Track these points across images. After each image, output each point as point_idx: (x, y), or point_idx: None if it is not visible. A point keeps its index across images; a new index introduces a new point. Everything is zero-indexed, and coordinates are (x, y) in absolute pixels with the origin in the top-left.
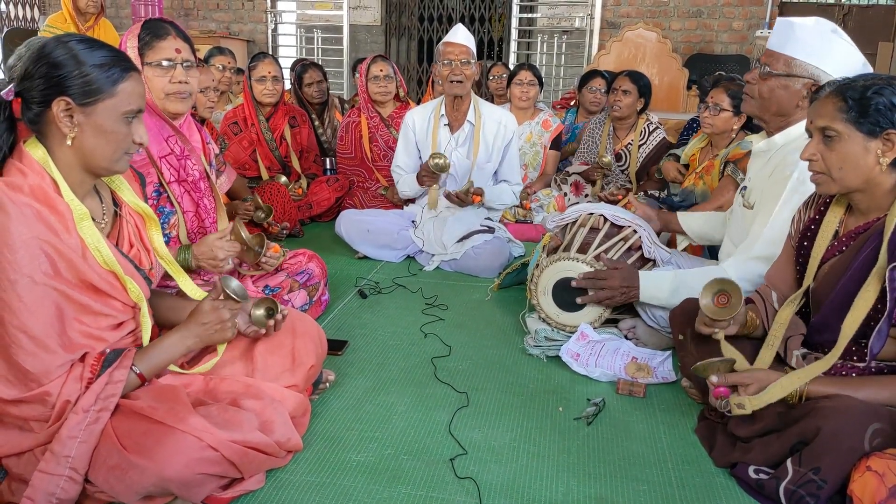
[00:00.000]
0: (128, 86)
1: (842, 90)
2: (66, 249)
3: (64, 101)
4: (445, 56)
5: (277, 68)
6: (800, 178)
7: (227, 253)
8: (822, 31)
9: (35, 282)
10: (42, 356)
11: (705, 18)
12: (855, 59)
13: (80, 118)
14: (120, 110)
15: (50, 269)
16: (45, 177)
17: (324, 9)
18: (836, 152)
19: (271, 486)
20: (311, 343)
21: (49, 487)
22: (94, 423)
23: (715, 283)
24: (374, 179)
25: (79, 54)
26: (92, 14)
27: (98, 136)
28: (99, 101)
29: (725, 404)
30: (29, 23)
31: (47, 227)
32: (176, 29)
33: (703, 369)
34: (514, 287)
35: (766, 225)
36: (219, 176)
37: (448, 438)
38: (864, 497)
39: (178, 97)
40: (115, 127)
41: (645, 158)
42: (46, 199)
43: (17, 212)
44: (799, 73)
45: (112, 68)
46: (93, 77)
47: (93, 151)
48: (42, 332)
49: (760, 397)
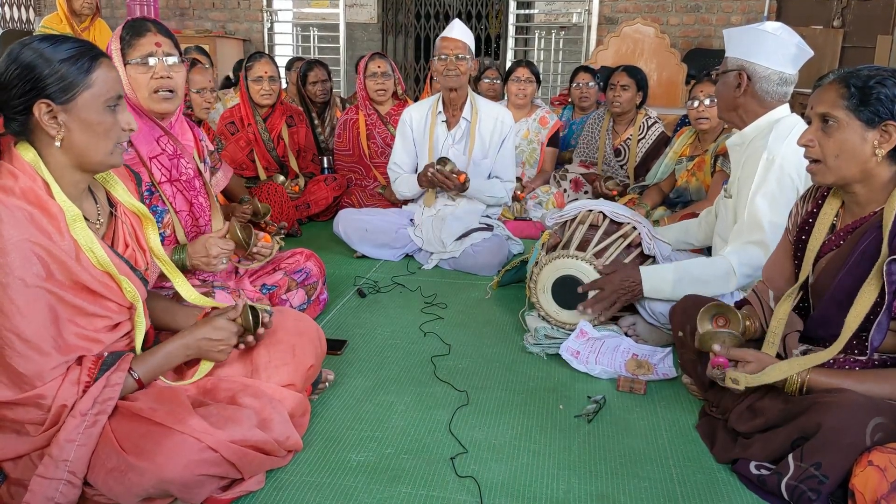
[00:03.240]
0: (101, 73)
1: (845, 78)
2: (59, 252)
3: (44, 104)
4: (441, 51)
5: (274, 68)
6: (769, 158)
7: (220, 250)
8: (745, 28)
9: (27, 284)
10: (35, 359)
11: (703, 13)
12: (771, 41)
13: (63, 117)
14: (100, 99)
15: (42, 272)
16: (37, 179)
17: (320, 7)
18: (833, 139)
19: (271, 487)
20: (309, 343)
21: (48, 492)
22: (92, 427)
23: (709, 310)
24: (372, 177)
25: (45, 52)
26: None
27: (86, 130)
28: (77, 94)
29: (721, 374)
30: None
31: (39, 230)
32: (156, 25)
33: (708, 338)
34: (513, 285)
35: (746, 209)
36: (214, 173)
37: (448, 437)
38: (866, 492)
39: (163, 96)
40: (100, 118)
41: (644, 153)
42: (38, 201)
43: (9, 214)
44: (730, 67)
45: (80, 59)
46: (65, 72)
47: (85, 148)
48: (34, 335)
49: (757, 377)
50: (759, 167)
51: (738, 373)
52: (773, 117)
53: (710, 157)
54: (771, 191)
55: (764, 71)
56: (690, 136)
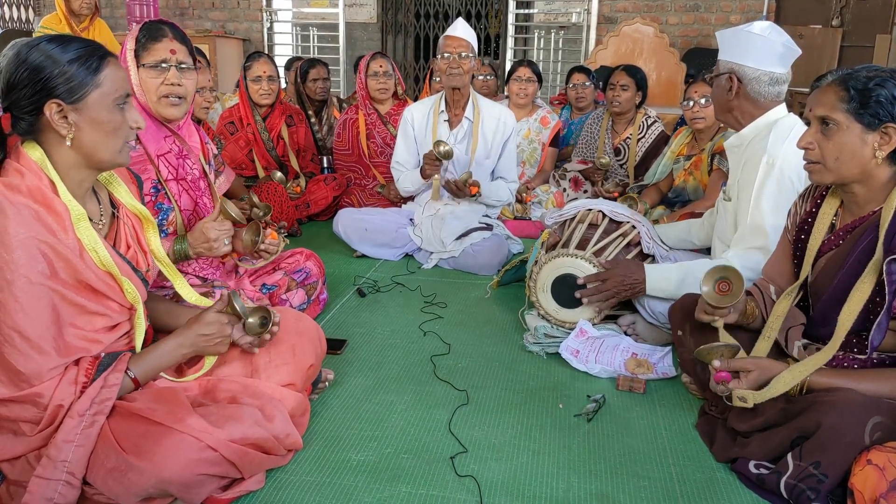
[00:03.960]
0: (109, 72)
1: (844, 80)
2: (64, 249)
3: (55, 104)
4: (445, 49)
5: (273, 68)
6: (769, 162)
7: (218, 232)
8: (731, 30)
9: (32, 282)
10: (35, 357)
11: (702, 12)
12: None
13: (74, 117)
14: (109, 98)
15: (47, 270)
16: (43, 177)
17: (319, 6)
18: (833, 142)
19: (271, 487)
20: (309, 342)
21: (47, 493)
22: (90, 428)
23: (716, 271)
24: (371, 176)
25: (53, 53)
26: (86, 15)
27: (96, 129)
28: (87, 94)
29: (725, 389)
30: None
31: (45, 228)
32: (174, 31)
33: (706, 353)
34: (513, 284)
35: (748, 213)
36: (217, 176)
37: (448, 436)
38: (865, 491)
39: (171, 102)
40: (109, 116)
41: (644, 152)
42: (44, 199)
43: (15, 212)
44: (721, 70)
45: (88, 59)
46: (74, 72)
47: (95, 146)
48: (36, 334)
49: (763, 392)
50: (759, 170)
51: (746, 391)
52: (771, 118)
53: (707, 156)
54: (772, 194)
55: (753, 72)
56: (687, 135)
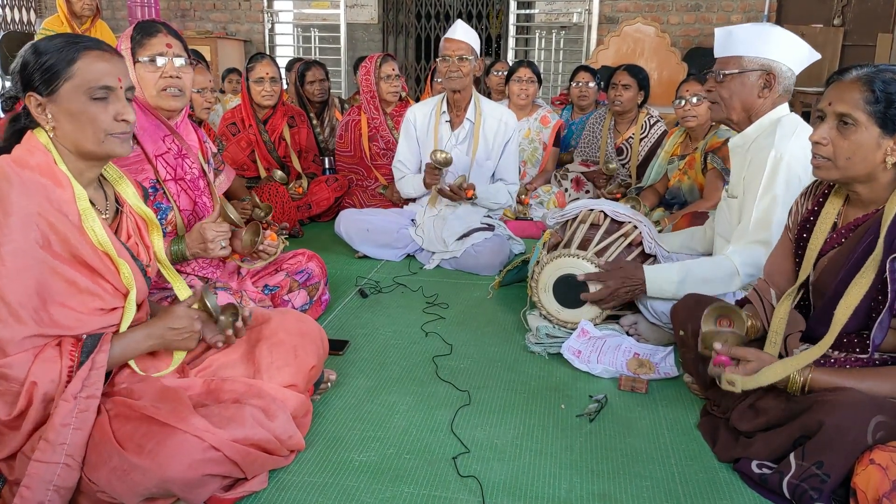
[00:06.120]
0: (84, 63)
1: (870, 80)
2: (64, 223)
3: (33, 98)
4: (444, 52)
5: (275, 69)
6: (777, 157)
7: (215, 234)
8: (757, 27)
9: (21, 248)
10: (10, 323)
11: (704, 12)
12: (793, 42)
13: (51, 108)
14: (82, 89)
15: (40, 239)
16: (50, 157)
17: (321, 7)
18: (849, 141)
19: (274, 487)
20: (311, 343)
21: (46, 475)
22: (85, 411)
23: (715, 310)
24: (373, 178)
25: (39, 47)
26: (87, 17)
27: (71, 121)
28: (59, 85)
29: (720, 372)
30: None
31: (48, 201)
32: (167, 27)
33: (710, 336)
34: (514, 284)
35: (754, 208)
36: (217, 175)
37: (450, 437)
38: (868, 490)
39: (171, 94)
40: (82, 107)
41: (647, 152)
42: (52, 173)
43: (20, 182)
44: (751, 67)
45: (65, 49)
46: (49, 63)
47: (75, 137)
48: (15, 300)
49: (752, 379)
50: (766, 165)
51: (735, 375)
52: (775, 116)
53: (700, 155)
54: (779, 189)
55: (787, 70)
56: (680, 135)
